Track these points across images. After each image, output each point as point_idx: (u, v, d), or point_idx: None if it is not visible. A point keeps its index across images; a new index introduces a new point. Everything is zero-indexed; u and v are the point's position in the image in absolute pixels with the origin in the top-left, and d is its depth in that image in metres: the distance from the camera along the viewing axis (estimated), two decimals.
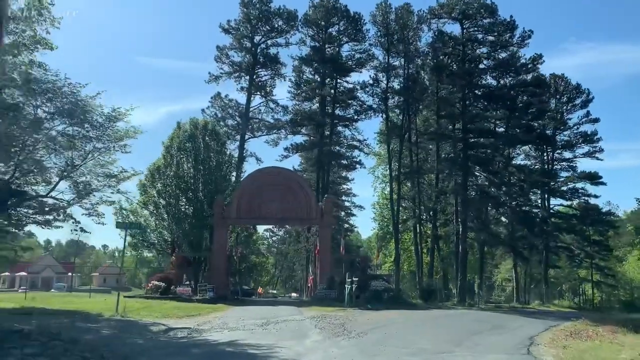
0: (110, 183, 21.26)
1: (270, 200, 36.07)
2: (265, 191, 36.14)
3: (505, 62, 48.61)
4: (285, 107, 52.13)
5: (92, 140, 20.38)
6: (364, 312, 24.20)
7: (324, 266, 34.60)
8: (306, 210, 35.98)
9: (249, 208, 35.86)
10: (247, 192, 36.07)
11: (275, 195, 36.10)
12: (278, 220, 36.45)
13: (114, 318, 18.08)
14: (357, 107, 52.03)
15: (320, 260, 35.17)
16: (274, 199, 36.10)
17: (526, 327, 20.41)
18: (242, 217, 36.32)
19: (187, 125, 40.99)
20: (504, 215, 54.34)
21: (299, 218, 36.97)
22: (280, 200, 36.17)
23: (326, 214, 35.68)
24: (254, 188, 36.18)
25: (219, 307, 25.14)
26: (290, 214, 36.27)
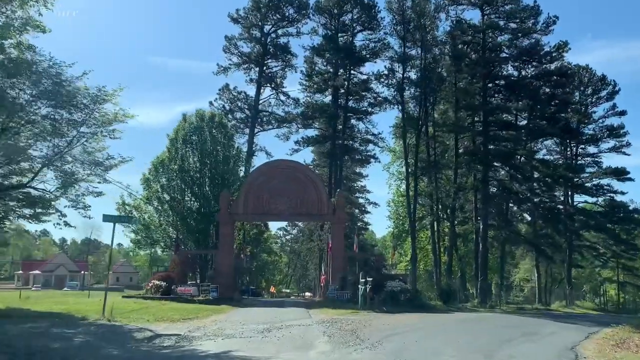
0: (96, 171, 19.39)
1: (280, 196, 34.01)
2: (274, 186, 34.09)
3: (528, 50, 45.95)
4: (296, 99, 50.18)
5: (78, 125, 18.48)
6: (379, 316, 22.04)
7: (336, 265, 32.48)
8: (317, 205, 33.89)
9: (256, 203, 33.86)
10: (255, 186, 34.07)
11: (285, 190, 34.04)
12: (288, 216, 34.43)
13: (97, 322, 16.17)
14: (372, 99, 49.79)
15: (333, 258, 33.05)
16: (284, 194, 34.04)
17: (561, 333, 18.13)
18: (250, 213, 34.34)
19: (193, 117, 39.18)
20: (526, 212, 51.71)
21: (310, 214, 34.87)
22: (290, 196, 34.09)
23: (339, 209, 33.54)
24: (262, 182, 34.17)
25: (221, 309, 23.17)
26: (301, 209, 34.19)
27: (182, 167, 36.51)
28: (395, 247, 49.45)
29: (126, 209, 37.24)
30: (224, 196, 33.89)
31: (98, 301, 26.44)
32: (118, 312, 19.34)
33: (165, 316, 18.66)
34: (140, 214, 37.79)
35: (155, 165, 37.17)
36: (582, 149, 56.67)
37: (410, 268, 48.51)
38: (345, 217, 34.99)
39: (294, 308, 26.31)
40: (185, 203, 36.50)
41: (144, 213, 37.92)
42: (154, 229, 36.92)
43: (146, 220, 37.10)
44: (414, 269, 44.87)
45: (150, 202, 37.00)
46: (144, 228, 36.74)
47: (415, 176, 46.58)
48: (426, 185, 50.81)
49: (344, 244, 34.20)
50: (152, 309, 21.64)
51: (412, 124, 48.11)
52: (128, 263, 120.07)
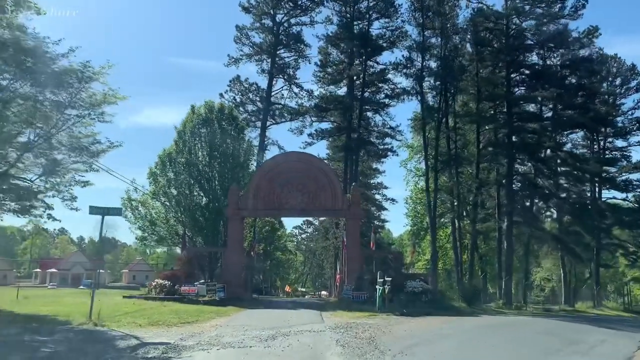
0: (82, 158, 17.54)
1: (292, 190, 31.96)
2: (285, 179, 32.06)
3: (555, 36, 43.24)
4: (309, 91, 48.06)
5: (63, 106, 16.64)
6: (400, 320, 19.89)
7: (352, 264, 30.36)
8: (332, 200, 31.78)
9: (267, 198, 31.86)
10: (266, 180, 32.08)
11: (297, 183, 31.97)
12: (300, 211, 32.33)
13: (79, 327, 14.30)
14: (389, 91, 47.51)
15: (348, 256, 30.94)
16: (296, 188, 31.98)
17: (610, 342, 15.83)
18: (260, 208, 32.34)
19: (202, 108, 37.32)
20: (552, 208, 49.08)
21: (324, 210, 32.76)
22: (303, 190, 32.02)
23: (354, 205, 31.41)
24: (273, 175, 32.17)
25: (226, 311, 21.20)
26: (314, 204, 32.09)
27: (189, 161, 34.68)
28: (414, 245, 46.97)
29: (132, 204, 35.61)
30: (233, 190, 31.98)
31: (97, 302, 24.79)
32: (111, 314, 17.53)
33: (161, 320, 16.75)
34: (147, 210, 36.08)
35: (162, 159, 35.41)
36: (610, 142, 53.70)
37: (429, 267, 46.18)
38: (361, 212, 32.86)
39: (305, 310, 24.26)
40: (193, 198, 34.67)
41: (152, 209, 36.19)
42: (160, 226, 35.15)
43: (153, 217, 35.35)
44: (434, 268, 42.52)
45: (157, 197, 35.23)
46: (150, 224, 35.02)
47: (436, 170, 44.22)
48: (447, 181, 48.47)
49: (360, 241, 32.03)
50: (150, 310, 19.77)
51: (432, 115, 45.84)
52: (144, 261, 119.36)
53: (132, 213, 35.63)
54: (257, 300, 32.05)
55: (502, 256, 45.31)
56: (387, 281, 23.12)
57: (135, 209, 35.45)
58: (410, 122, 52.55)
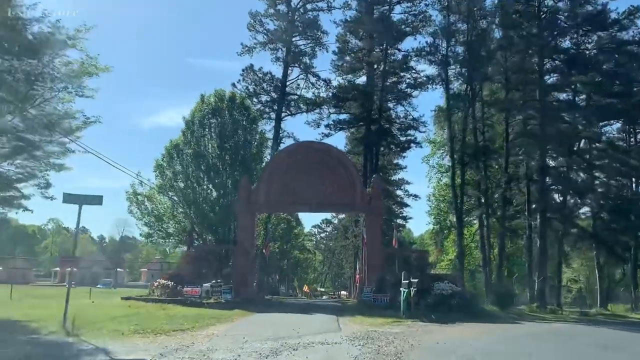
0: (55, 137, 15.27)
1: (308, 183, 29.44)
2: (301, 171, 29.58)
3: (592, 17, 39.91)
4: (327, 80, 45.37)
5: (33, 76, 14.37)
6: (429, 328, 17.18)
7: (372, 263, 27.71)
8: (351, 194, 29.19)
9: (280, 191, 29.40)
10: (279, 172, 29.63)
11: (313, 176, 29.48)
12: (316, 206, 29.74)
13: (45, 339, 11.94)
14: (411, 79, 44.65)
15: (368, 255, 28.30)
16: (312, 181, 29.46)
17: None
18: (273, 203, 29.88)
19: (212, 97, 35.02)
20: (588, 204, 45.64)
21: (342, 204, 30.17)
22: (320, 183, 29.49)
23: (375, 199, 28.77)
24: (287, 167, 29.70)
25: (230, 316, 18.73)
26: (331, 198, 29.53)
27: (198, 152, 32.40)
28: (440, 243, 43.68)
29: (138, 199, 33.46)
30: (244, 183, 29.60)
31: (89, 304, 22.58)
32: (96, 319, 15.21)
33: (150, 327, 14.34)
34: (154, 205, 33.90)
35: (168, 151, 33.19)
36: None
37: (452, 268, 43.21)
38: (383, 207, 30.25)
39: (321, 315, 21.66)
40: (202, 192, 32.38)
41: (159, 204, 34.00)
42: (167, 221, 32.93)
43: (160, 212, 33.15)
44: (461, 268, 39.59)
45: (164, 192, 33.02)
46: (156, 220, 32.82)
47: (462, 164, 41.24)
48: (474, 175, 45.41)
49: (381, 239, 29.36)
50: (143, 315, 17.41)
51: (458, 105, 42.90)
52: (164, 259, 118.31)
53: (138, 208, 33.49)
54: (270, 303, 29.56)
55: (532, 255, 42.33)
56: (413, 283, 20.40)
57: (141, 204, 33.29)
58: (434, 113, 49.55)
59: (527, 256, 44.28)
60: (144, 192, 33.41)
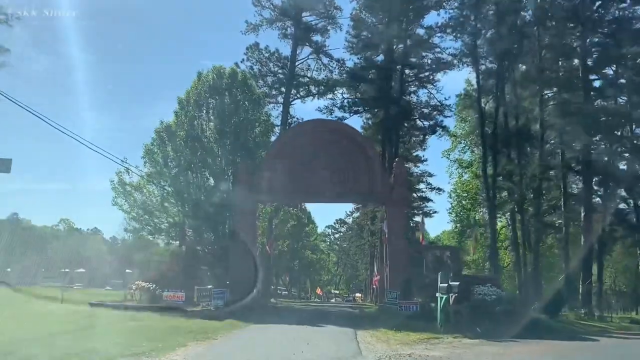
0: None
1: (318, 168, 25.09)
2: (310, 154, 25.20)
3: None
4: (340, 61, 40.75)
5: None
6: (481, 348, 12.62)
7: (395, 263, 23.22)
8: (369, 181, 24.73)
9: (287, 178, 24.98)
10: (285, 155, 25.24)
11: (326, 160, 25.11)
12: (329, 195, 25.19)
13: None
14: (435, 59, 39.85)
15: (390, 253, 23.79)
16: (325, 166, 25.09)
17: None
18: (277, 191, 25.45)
19: (210, 74, 30.74)
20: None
21: (359, 193, 25.58)
22: (333, 168, 25.12)
23: (398, 186, 24.27)
24: (295, 150, 25.31)
25: (215, 329, 14.28)
26: (347, 187, 25.05)
27: (191, 134, 28.11)
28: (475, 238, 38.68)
29: (126, 189, 29.21)
30: (244, 167, 25.33)
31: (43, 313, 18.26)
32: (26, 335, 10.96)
33: (93, 348, 9.97)
34: (144, 197, 29.65)
35: (159, 134, 28.95)
36: None
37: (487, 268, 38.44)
38: (407, 196, 25.70)
39: (334, 327, 17.15)
40: (196, 180, 28.10)
41: (150, 195, 29.75)
42: (157, 215, 28.65)
43: (148, 204, 28.90)
44: (496, 270, 34.81)
45: (154, 181, 28.77)
46: (145, 213, 28.55)
47: (495, 151, 36.49)
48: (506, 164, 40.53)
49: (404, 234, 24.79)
50: (97, 330, 13.12)
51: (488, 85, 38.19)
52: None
53: (125, 200, 29.24)
54: (274, 309, 25.15)
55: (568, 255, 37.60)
56: (453, 287, 15.78)
57: (129, 195, 29.04)
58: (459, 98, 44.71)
59: (563, 256, 39.48)
60: (133, 181, 29.13)
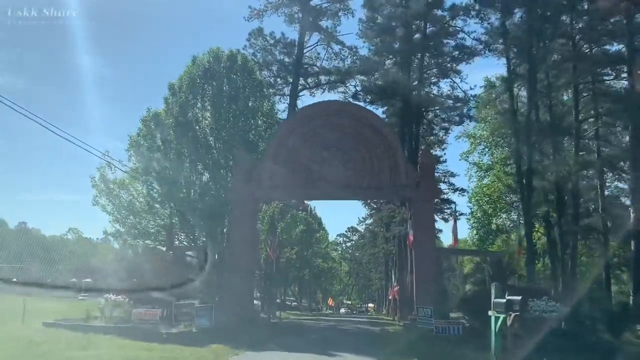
0: None
1: (329, 158, 21.09)
2: (320, 142, 21.23)
3: None
4: (353, 48, 36.80)
5: None
6: None
7: (423, 270, 19.04)
8: (390, 174, 20.65)
9: (292, 170, 20.98)
10: (290, 143, 21.26)
11: (338, 148, 21.13)
12: (342, 190, 20.97)
13: None
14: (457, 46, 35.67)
15: (417, 259, 19.60)
16: (337, 156, 21.10)
17: None
18: (281, 186, 21.39)
19: (206, 57, 26.91)
20: None
21: (378, 187, 21.43)
22: (346, 158, 21.12)
23: (425, 178, 20.17)
24: (303, 136, 21.33)
25: None
26: (364, 180, 21.00)
27: (182, 123, 24.21)
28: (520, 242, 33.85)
29: (109, 187, 25.31)
30: (242, 160, 21.39)
31: None
32: None
33: None
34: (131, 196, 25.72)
35: (146, 123, 25.08)
36: None
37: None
38: (436, 190, 21.52)
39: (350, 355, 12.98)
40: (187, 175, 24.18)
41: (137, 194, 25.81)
42: (144, 215, 24.66)
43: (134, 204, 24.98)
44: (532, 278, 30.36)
45: (140, 177, 24.85)
46: (129, 213, 24.58)
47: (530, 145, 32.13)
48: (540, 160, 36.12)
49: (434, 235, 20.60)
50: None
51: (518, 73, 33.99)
52: None
53: (109, 200, 25.33)
54: (276, 327, 20.98)
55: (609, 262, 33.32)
56: (513, 303, 11.55)
57: (113, 195, 25.14)
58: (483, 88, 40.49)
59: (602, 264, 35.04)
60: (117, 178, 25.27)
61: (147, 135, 25.00)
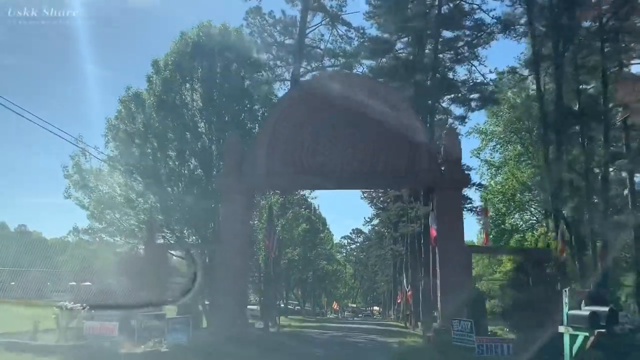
0: None
1: (334, 140, 17.89)
2: (323, 122, 18.02)
3: None
4: (359, 29, 33.57)
5: None
6: None
7: (449, 272, 15.80)
8: (408, 158, 17.42)
9: (291, 155, 17.79)
10: (289, 124, 18.05)
11: (345, 128, 17.91)
12: (349, 177, 17.66)
13: None
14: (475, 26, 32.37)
15: (441, 258, 16.33)
16: (342, 137, 17.90)
17: None
18: (278, 174, 18.13)
19: (195, 31, 23.72)
20: None
21: (393, 174, 18.13)
22: (355, 140, 17.90)
23: (450, 163, 16.92)
24: (303, 116, 18.12)
25: None
26: (377, 166, 17.76)
27: (165, 102, 21.02)
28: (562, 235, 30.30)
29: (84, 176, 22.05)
30: (233, 143, 18.19)
31: None
32: None
33: None
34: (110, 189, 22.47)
35: (125, 104, 21.87)
36: None
37: None
38: (465, 176, 18.19)
39: None
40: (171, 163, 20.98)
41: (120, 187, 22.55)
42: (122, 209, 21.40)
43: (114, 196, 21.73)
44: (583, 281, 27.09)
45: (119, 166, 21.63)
46: (105, 207, 21.32)
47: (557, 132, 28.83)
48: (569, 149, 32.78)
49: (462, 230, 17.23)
50: None
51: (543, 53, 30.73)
52: None
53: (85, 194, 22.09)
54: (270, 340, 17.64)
55: None
56: (599, 316, 8.27)
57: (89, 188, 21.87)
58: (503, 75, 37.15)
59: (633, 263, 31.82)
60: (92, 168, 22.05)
61: (127, 118, 21.85)
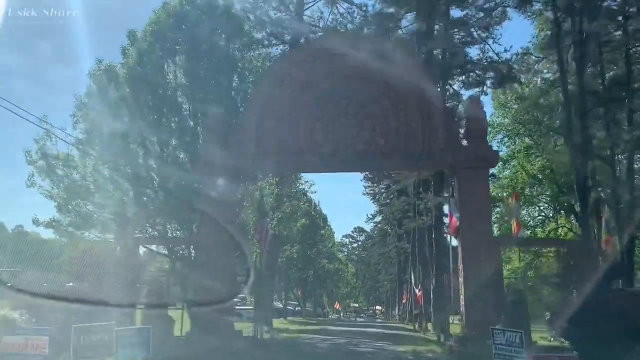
0: None
1: (336, 115, 15.13)
2: (325, 92, 15.27)
3: None
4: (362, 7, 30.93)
5: None
6: None
7: (476, 267, 13.07)
8: (422, 134, 14.67)
9: (284, 132, 15.04)
10: (282, 97, 15.29)
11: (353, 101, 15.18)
12: (354, 157, 14.70)
13: None
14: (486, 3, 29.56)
15: (465, 252, 13.60)
16: (347, 110, 15.15)
17: None
18: (269, 154, 15.33)
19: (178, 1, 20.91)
20: None
21: (406, 153, 15.36)
22: (363, 115, 15.15)
23: (474, 138, 14.19)
24: (299, 85, 15.37)
25: None
26: (386, 144, 15.02)
27: (140, 74, 18.24)
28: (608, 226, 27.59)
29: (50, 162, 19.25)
30: (217, 118, 15.46)
31: None
32: None
33: None
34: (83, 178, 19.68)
35: (96, 78, 19.08)
36: None
37: None
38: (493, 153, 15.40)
39: None
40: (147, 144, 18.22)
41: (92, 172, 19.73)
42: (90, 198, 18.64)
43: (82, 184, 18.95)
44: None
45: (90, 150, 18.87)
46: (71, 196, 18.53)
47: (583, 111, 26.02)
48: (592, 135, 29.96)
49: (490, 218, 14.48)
50: None
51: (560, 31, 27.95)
52: None
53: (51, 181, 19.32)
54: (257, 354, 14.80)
55: None
56: None
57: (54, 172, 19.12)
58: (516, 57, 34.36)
59: None
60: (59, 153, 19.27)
61: (99, 94, 19.07)
